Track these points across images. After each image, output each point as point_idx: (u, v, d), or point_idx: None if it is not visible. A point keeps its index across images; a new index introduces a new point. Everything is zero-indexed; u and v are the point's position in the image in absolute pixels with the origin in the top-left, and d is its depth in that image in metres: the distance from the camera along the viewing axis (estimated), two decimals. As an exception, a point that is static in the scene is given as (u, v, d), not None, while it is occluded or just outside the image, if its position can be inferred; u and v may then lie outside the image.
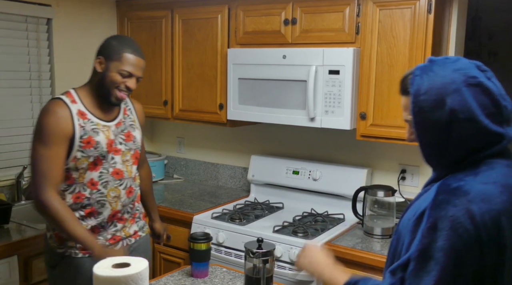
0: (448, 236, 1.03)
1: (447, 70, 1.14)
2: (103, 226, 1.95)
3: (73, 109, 1.87)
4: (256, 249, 1.67)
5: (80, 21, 3.14)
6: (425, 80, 1.14)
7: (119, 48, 1.88)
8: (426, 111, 1.13)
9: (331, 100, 2.41)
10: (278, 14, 2.61)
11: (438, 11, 2.27)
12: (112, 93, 1.89)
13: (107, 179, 1.92)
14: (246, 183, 3.22)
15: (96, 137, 1.88)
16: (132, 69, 1.88)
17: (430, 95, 1.12)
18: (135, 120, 2.08)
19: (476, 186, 1.07)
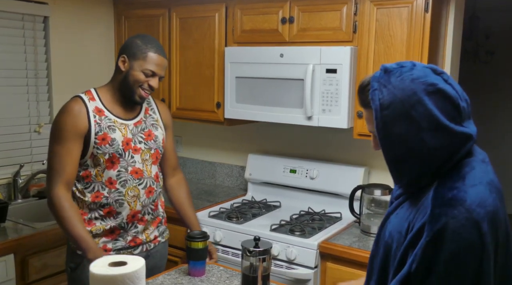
0: (449, 249, 1.04)
1: (405, 81, 1.12)
2: (123, 227, 1.94)
3: (90, 106, 1.88)
4: (253, 247, 1.67)
5: (77, 19, 3.13)
6: (385, 94, 1.13)
7: (143, 47, 1.88)
8: (391, 126, 1.12)
9: (328, 98, 2.41)
10: (276, 12, 2.61)
11: (435, 10, 2.27)
12: (135, 92, 1.90)
13: (126, 178, 1.91)
14: (243, 181, 3.22)
15: (111, 134, 1.88)
16: (155, 69, 1.89)
17: (393, 109, 1.11)
18: (158, 120, 2.06)
19: (468, 191, 1.08)
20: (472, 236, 1.03)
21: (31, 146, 2.96)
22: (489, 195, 1.09)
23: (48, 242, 2.39)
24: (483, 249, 1.04)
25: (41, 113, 3.00)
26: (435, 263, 1.04)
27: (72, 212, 1.83)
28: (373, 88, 1.16)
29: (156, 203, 2.03)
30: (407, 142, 1.11)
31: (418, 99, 1.10)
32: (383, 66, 1.18)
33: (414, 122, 1.10)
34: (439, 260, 1.04)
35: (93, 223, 1.91)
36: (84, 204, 1.91)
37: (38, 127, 2.98)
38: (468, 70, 5.51)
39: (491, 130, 6.16)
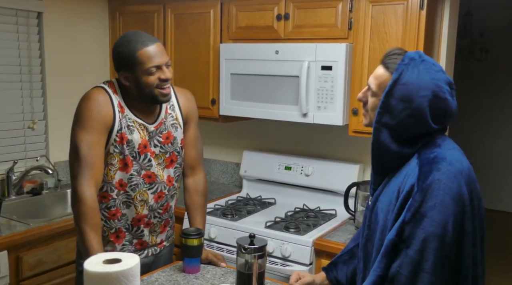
0: (437, 196, 1.21)
1: (429, 75, 1.29)
2: (128, 229, 1.87)
3: (114, 100, 1.77)
4: (248, 244, 1.67)
5: (72, 15, 3.11)
6: (409, 73, 1.29)
7: (130, 51, 1.72)
8: (394, 98, 1.29)
9: (323, 96, 2.41)
10: (271, 9, 2.60)
11: (430, 8, 2.27)
12: (156, 95, 1.76)
13: (137, 182, 1.82)
14: (238, 178, 3.22)
15: (129, 135, 1.77)
16: (156, 61, 1.73)
17: (405, 89, 1.28)
18: (177, 118, 1.92)
19: (447, 152, 1.28)
20: (454, 185, 1.22)
21: (25, 143, 2.95)
22: (463, 157, 1.31)
23: (42, 239, 2.38)
24: (463, 197, 1.22)
25: (35, 109, 2.98)
26: (426, 209, 1.21)
27: (97, 219, 1.70)
28: (404, 62, 1.31)
29: (165, 207, 1.93)
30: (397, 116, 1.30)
31: (425, 94, 1.27)
32: (420, 52, 1.35)
33: (411, 107, 1.28)
34: (429, 207, 1.21)
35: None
36: None
37: (32, 123, 2.97)
38: (462, 67, 5.54)
39: (486, 128, 6.19)
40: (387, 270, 1.25)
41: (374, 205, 1.41)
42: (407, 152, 1.33)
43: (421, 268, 1.20)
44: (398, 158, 1.34)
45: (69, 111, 3.03)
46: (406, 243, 1.22)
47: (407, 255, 1.22)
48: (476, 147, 6.04)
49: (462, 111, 5.93)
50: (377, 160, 1.39)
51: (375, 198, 1.41)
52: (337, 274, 1.65)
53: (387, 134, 1.32)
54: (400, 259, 1.23)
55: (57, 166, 3.04)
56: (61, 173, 3.07)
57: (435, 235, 1.20)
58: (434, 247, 1.20)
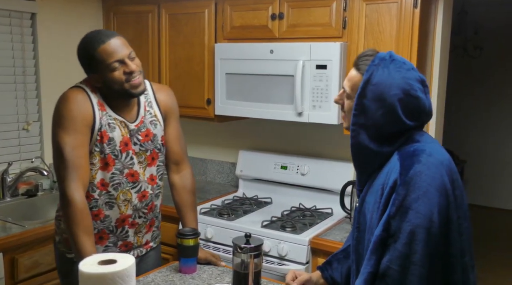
0: (420, 187, 1.22)
1: (399, 74, 1.31)
2: (112, 230, 1.83)
3: (93, 99, 1.74)
4: (244, 244, 1.67)
5: (65, 15, 3.10)
6: (379, 73, 1.31)
7: (87, 52, 1.69)
8: (367, 99, 1.31)
9: (318, 94, 2.41)
10: (265, 9, 2.60)
11: (424, 6, 2.28)
12: (126, 88, 1.72)
13: (120, 181, 1.79)
14: (234, 178, 3.22)
15: (110, 133, 1.75)
16: (117, 55, 1.68)
17: (376, 89, 1.30)
18: (156, 115, 1.89)
19: (426, 145, 1.31)
20: (436, 176, 1.24)
21: (20, 144, 2.94)
22: (442, 149, 1.34)
23: (37, 241, 2.37)
24: (446, 187, 1.24)
25: (29, 110, 2.97)
26: (410, 202, 1.22)
27: (88, 221, 1.67)
28: (374, 63, 1.33)
29: (149, 206, 1.90)
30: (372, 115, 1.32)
31: (396, 93, 1.30)
32: (391, 52, 1.37)
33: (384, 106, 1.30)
34: (413, 199, 1.22)
35: None
36: None
37: (27, 125, 2.96)
38: (457, 65, 5.56)
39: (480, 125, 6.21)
40: (377, 266, 1.25)
41: (361, 206, 1.42)
42: (387, 150, 1.34)
43: (411, 261, 1.21)
44: (379, 157, 1.36)
45: (64, 112, 3.06)
46: (394, 238, 1.23)
47: (396, 249, 1.22)
48: (471, 144, 6.07)
49: (457, 108, 5.96)
50: (358, 161, 1.41)
51: (361, 200, 1.43)
52: (332, 273, 1.66)
53: (364, 135, 1.34)
54: (389, 254, 1.24)
55: (52, 167, 3.02)
56: (57, 174, 3.06)
57: (421, 227, 1.21)
58: (421, 239, 1.20)
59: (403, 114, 1.30)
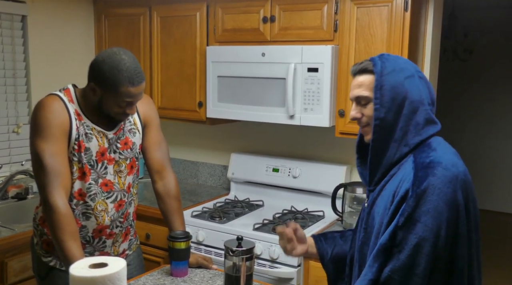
0: (431, 201, 1.21)
1: (401, 60, 1.37)
2: (88, 241, 1.81)
3: (70, 108, 1.73)
4: (235, 247, 1.67)
5: (56, 18, 3.09)
6: (387, 64, 1.34)
7: (114, 80, 1.64)
8: (387, 89, 1.31)
9: (310, 97, 2.42)
10: (257, 11, 2.61)
11: (414, 9, 2.30)
12: (113, 117, 1.74)
13: (96, 191, 1.78)
14: (226, 181, 3.21)
15: (87, 143, 1.74)
16: (130, 100, 1.69)
17: (392, 76, 1.32)
18: (136, 123, 1.88)
19: (443, 156, 1.28)
20: (448, 190, 1.22)
21: (10, 147, 2.91)
22: (458, 160, 1.31)
23: (27, 244, 2.33)
24: (457, 202, 1.23)
25: (19, 113, 2.95)
26: (420, 214, 1.21)
27: (73, 226, 1.65)
28: (376, 59, 1.36)
29: (125, 215, 1.89)
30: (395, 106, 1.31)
31: (411, 74, 1.33)
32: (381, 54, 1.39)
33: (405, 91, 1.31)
34: (422, 212, 1.21)
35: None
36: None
37: (17, 128, 2.94)
38: (447, 68, 5.60)
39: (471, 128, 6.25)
40: (378, 273, 1.25)
41: (371, 208, 1.40)
42: (404, 150, 1.33)
43: (413, 273, 1.21)
44: (396, 158, 1.34)
45: (55, 115, 3.04)
46: (399, 248, 1.23)
47: (399, 260, 1.22)
48: (462, 147, 6.10)
49: (447, 111, 6.00)
50: (376, 157, 1.37)
51: (372, 201, 1.40)
52: (322, 246, 1.64)
53: (387, 129, 1.32)
54: (392, 264, 1.23)
55: (42, 170, 3.01)
56: (47, 177, 3.04)
57: (427, 240, 1.20)
58: (426, 253, 1.20)
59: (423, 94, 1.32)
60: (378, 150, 1.35)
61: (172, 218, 1.96)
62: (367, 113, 1.37)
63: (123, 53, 1.68)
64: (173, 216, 1.96)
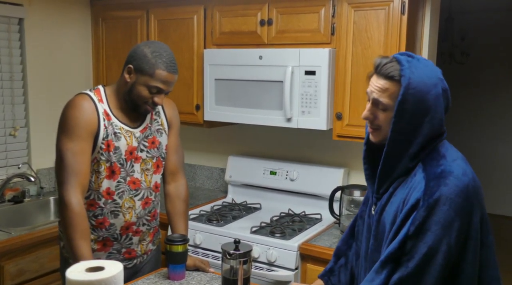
0: (442, 211, 1.21)
1: (431, 72, 1.31)
2: (116, 238, 1.86)
3: (100, 108, 1.77)
4: (233, 250, 1.66)
5: (53, 21, 3.08)
6: (415, 75, 1.27)
7: (152, 61, 1.73)
8: (410, 104, 1.27)
9: (307, 100, 2.42)
10: (254, 14, 2.61)
11: (411, 12, 2.30)
12: (140, 106, 1.79)
13: (124, 188, 1.82)
14: (223, 184, 3.21)
15: (116, 142, 1.78)
16: (162, 86, 1.76)
17: (419, 91, 1.27)
18: (163, 124, 1.95)
19: (453, 165, 1.27)
20: (459, 200, 1.22)
21: (6, 150, 2.90)
22: (467, 166, 1.31)
23: (23, 247, 2.34)
24: (470, 212, 1.23)
25: (16, 116, 2.94)
26: (430, 224, 1.21)
27: (84, 225, 1.70)
28: (404, 66, 1.28)
29: (152, 213, 1.94)
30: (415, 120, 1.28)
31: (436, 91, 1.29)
32: (407, 52, 1.35)
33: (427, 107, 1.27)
34: (433, 222, 1.20)
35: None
36: None
37: (14, 131, 2.93)
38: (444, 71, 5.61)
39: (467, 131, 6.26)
40: (386, 281, 1.24)
41: (380, 215, 1.38)
42: (415, 162, 1.31)
43: (422, 282, 1.21)
44: (406, 168, 1.32)
45: (51, 117, 3.03)
46: (408, 256, 1.22)
47: (408, 268, 1.22)
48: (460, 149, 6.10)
49: (445, 115, 6.00)
50: (386, 168, 1.35)
51: (380, 208, 1.38)
52: (340, 279, 1.61)
53: (403, 143, 1.30)
54: (400, 272, 1.23)
55: (39, 173, 3.00)
56: (44, 180, 3.03)
57: (437, 250, 1.20)
58: (436, 262, 1.20)
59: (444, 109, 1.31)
60: (391, 161, 1.33)
61: (177, 220, 1.99)
62: (382, 118, 1.34)
63: (166, 46, 1.81)
64: (178, 219, 1.99)
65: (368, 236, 1.45)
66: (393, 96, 1.30)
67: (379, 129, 1.36)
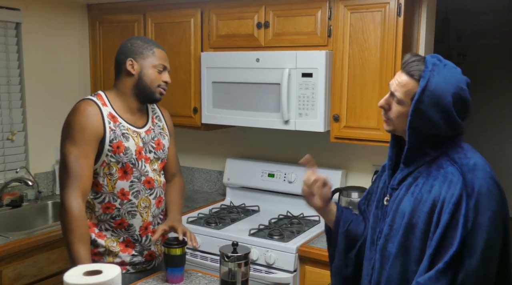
0: (488, 203, 1.27)
1: (453, 79, 1.35)
2: (137, 239, 1.89)
3: (104, 111, 1.81)
4: (231, 253, 1.67)
5: (50, 25, 3.09)
6: (435, 79, 1.33)
7: (147, 45, 1.87)
8: (424, 105, 1.33)
9: (304, 102, 2.43)
10: (251, 17, 2.61)
11: (407, 14, 2.31)
12: (155, 91, 1.88)
13: (138, 188, 1.86)
14: (221, 186, 3.21)
15: (126, 143, 1.82)
16: (165, 63, 1.89)
17: (434, 94, 1.32)
18: (164, 127, 2.03)
19: (476, 157, 1.36)
20: (497, 191, 1.30)
21: (4, 154, 2.90)
22: (483, 159, 1.37)
23: (21, 252, 2.34)
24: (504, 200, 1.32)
25: (14, 120, 2.94)
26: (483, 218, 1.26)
27: (83, 229, 1.72)
28: (429, 69, 1.34)
29: (164, 212, 2.00)
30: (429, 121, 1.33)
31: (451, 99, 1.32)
32: (439, 56, 1.39)
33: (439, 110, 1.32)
34: (484, 215, 1.26)
35: (104, 235, 1.86)
36: (93, 215, 1.85)
37: (11, 135, 2.93)
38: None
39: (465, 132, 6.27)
40: (453, 281, 1.28)
41: (398, 205, 1.40)
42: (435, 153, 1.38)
43: (487, 272, 1.28)
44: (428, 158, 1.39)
45: (49, 121, 3.04)
46: (469, 252, 1.27)
47: (472, 264, 1.26)
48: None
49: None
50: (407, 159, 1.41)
51: (399, 199, 1.41)
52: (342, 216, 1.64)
53: (420, 136, 1.37)
54: (465, 270, 1.27)
55: (37, 177, 3.00)
56: (41, 184, 3.03)
57: (493, 240, 1.28)
58: (494, 252, 1.29)
59: (457, 116, 1.34)
60: (414, 153, 1.40)
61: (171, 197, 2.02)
62: (395, 110, 1.40)
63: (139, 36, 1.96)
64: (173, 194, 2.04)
65: (375, 226, 1.47)
66: (408, 93, 1.36)
67: (389, 120, 1.44)
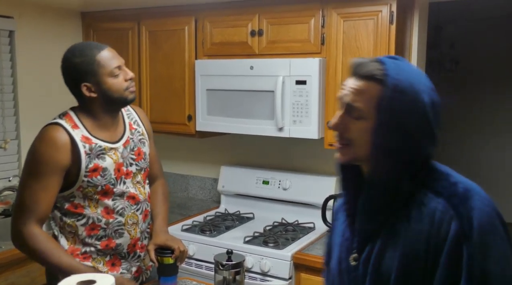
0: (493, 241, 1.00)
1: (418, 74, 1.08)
2: (124, 257, 1.79)
3: (76, 136, 1.65)
4: (225, 261, 1.66)
5: (44, 33, 3.08)
6: (403, 75, 1.03)
7: (88, 58, 1.64)
8: (395, 110, 1.01)
9: (298, 110, 2.43)
10: (245, 25, 2.62)
11: (399, 22, 2.33)
12: (126, 96, 1.70)
13: (123, 205, 1.75)
14: (216, 194, 3.20)
15: (102, 163, 1.68)
16: (116, 62, 1.68)
17: (405, 96, 1.01)
18: (143, 133, 1.87)
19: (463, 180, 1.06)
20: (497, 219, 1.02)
21: (-3, 163, 2.89)
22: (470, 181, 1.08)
23: (13, 262, 2.32)
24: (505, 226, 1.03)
25: (7, 128, 2.93)
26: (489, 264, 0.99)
27: (52, 243, 1.64)
28: (389, 65, 1.04)
29: (150, 225, 1.90)
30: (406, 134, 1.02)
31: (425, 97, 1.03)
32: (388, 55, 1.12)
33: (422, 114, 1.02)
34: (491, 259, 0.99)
35: (89, 255, 1.73)
36: (76, 239, 1.71)
37: (4, 143, 2.91)
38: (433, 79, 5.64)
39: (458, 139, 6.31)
40: None
41: (379, 263, 1.07)
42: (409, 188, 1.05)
43: None
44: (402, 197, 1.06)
45: (43, 130, 3.01)
46: None
47: None
48: (449, 158, 6.15)
49: (436, 122, 6.03)
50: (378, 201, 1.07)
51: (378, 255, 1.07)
52: None
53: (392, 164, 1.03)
54: None
55: (30, 186, 2.98)
56: (35, 193, 3.00)
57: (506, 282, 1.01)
58: None
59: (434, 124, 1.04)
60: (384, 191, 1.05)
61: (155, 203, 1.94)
62: (355, 128, 1.06)
63: (74, 45, 1.73)
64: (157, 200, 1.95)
65: None
66: (371, 100, 1.03)
67: (349, 144, 1.08)
